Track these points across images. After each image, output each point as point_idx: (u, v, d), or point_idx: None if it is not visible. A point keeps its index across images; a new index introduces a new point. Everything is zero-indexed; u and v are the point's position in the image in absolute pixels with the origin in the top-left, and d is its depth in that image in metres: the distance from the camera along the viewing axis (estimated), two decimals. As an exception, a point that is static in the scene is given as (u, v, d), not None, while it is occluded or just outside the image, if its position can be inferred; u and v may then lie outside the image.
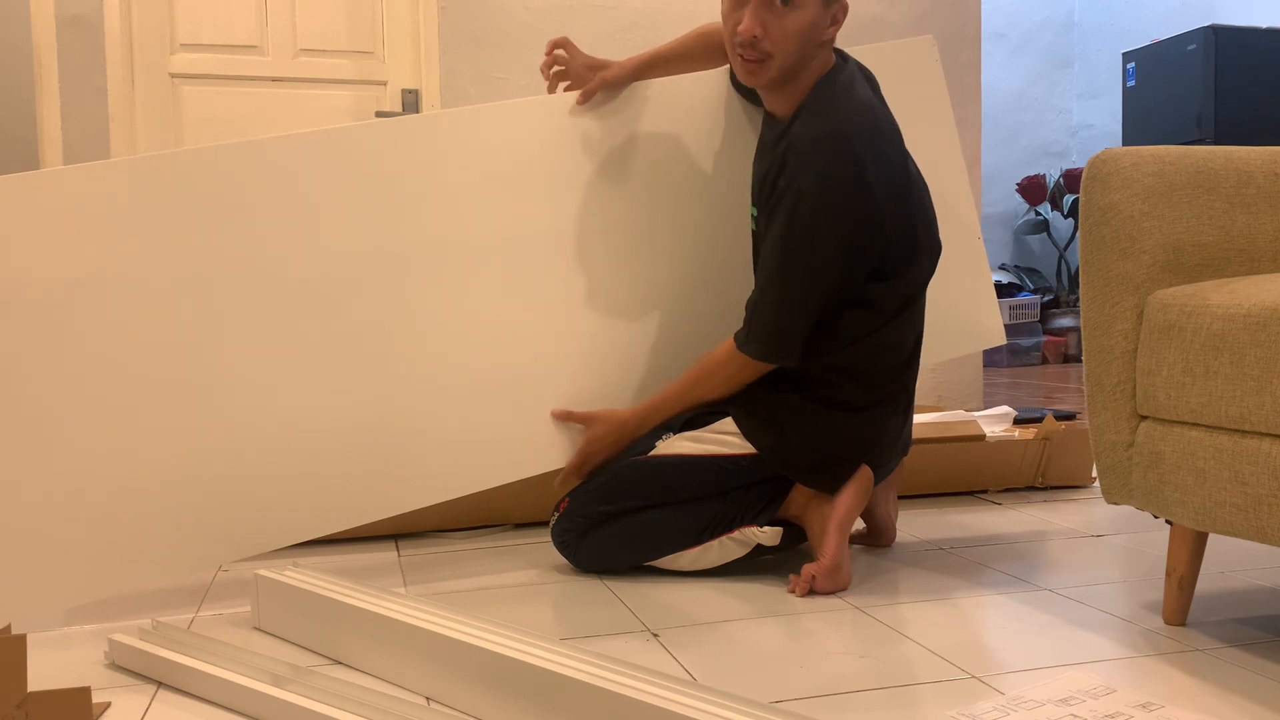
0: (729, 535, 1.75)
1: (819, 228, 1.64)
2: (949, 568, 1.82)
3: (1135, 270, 1.46)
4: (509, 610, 1.63)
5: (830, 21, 1.69)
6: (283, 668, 1.26)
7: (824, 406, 1.74)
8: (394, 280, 1.77)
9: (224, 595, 1.76)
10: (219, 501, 1.66)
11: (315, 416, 1.71)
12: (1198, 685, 1.28)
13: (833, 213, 1.63)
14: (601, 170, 1.91)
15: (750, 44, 1.67)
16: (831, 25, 1.70)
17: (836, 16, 1.70)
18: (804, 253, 1.65)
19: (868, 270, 1.69)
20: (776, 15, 1.65)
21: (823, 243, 1.64)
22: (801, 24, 1.66)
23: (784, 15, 1.65)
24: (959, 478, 2.40)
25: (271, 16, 3.35)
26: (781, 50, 1.67)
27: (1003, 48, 6.56)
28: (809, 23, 1.66)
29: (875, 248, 1.68)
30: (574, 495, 1.82)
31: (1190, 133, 5.13)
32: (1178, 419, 1.39)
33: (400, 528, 2.09)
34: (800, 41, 1.67)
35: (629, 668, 1.12)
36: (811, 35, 1.67)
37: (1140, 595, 1.65)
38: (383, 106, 3.42)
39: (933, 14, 3.70)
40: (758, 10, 1.66)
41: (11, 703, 1.09)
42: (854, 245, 1.65)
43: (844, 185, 1.63)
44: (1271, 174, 1.51)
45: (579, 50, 1.94)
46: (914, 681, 1.31)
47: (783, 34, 1.66)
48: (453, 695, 1.25)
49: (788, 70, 1.69)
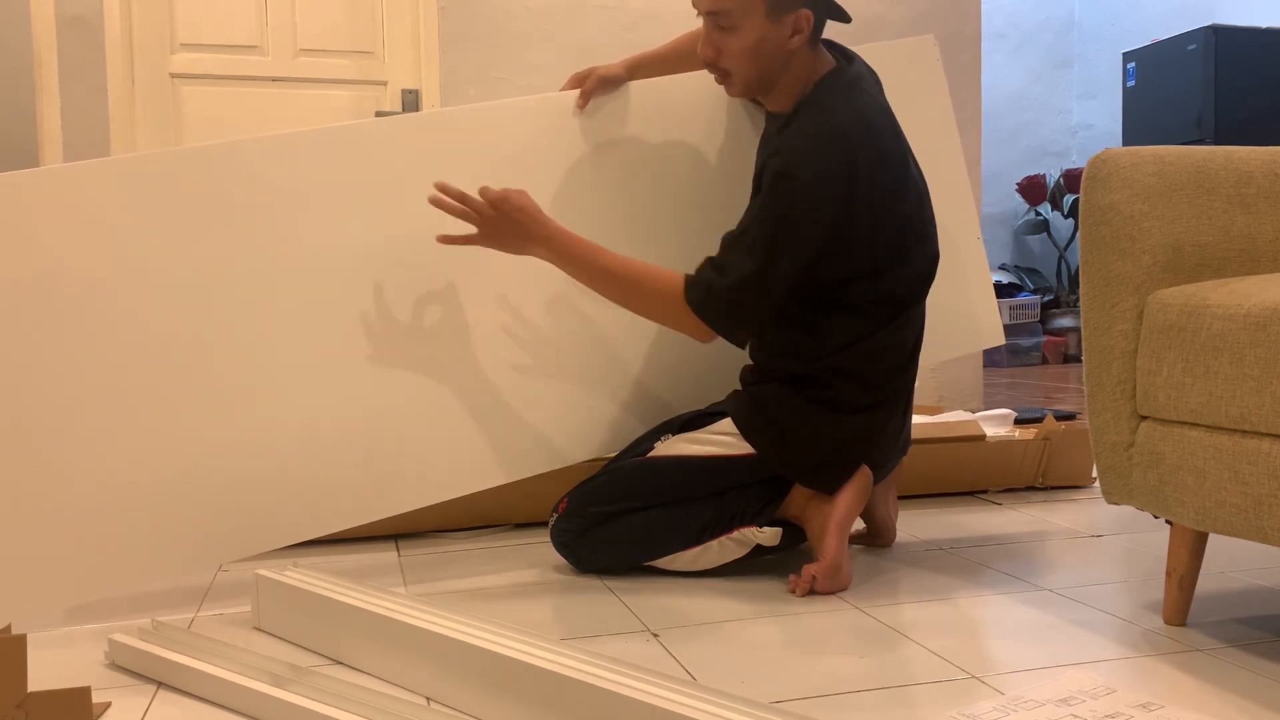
0: (728, 535, 1.75)
1: (796, 211, 1.62)
2: (949, 568, 1.82)
3: (1135, 270, 1.46)
4: (509, 610, 1.63)
5: (791, 32, 1.68)
6: (283, 668, 1.26)
7: (822, 407, 1.74)
8: (393, 279, 1.77)
9: (224, 595, 1.76)
10: (219, 501, 1.66)
11: (315, 416, 1.71)
12: (1198, 685, 1.28)
13: (813, 201, 1.62)
14: (602, 169, 1.91)
15: (710, 64, 1.73)
16: (794, 35, 1.68)
17: (798, 25, 1.67)
18: (781, 237, 1.63)
19: (846, 268, 1.67)
20: (723, 36, 1.69)
21: (796, 226, 1.62)
22: (745, 43, 1.67)
23: (728, 37, 1.68)
24: (959, 478, 2.40)
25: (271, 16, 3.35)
26: (737, 68, 1.71)
27: (1003, 48, 6.56)
28: (755, 40, 1.67)
29: (856, 246, 1.66)
30: (573, 495, 1.82)
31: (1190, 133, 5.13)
32: (1178, 419, 1.39)
33: (400, 528, 2.09)
34: (753, 58, 1.69)
35: (629, 668, 1.12)
36: (764, 50, 1.68)
37: (1140, 595, 1.65)
38: (383, 106, 3.42)
39: (933, 14, 3.70)
40: (708, 33, 1.71)
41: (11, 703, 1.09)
42: (828, 237, 1.63)
43: (832, 178, 1.62)
44: (1271, 174, 1.51)
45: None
46: (914, 681, 1.31)
47: (731, 54, 1.69)
48: (453, 695, 1.25)
49: (753, 83, 1.72)
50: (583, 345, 1.90)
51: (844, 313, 1.71)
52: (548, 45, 3.40)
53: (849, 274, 1.69)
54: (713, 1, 1.67)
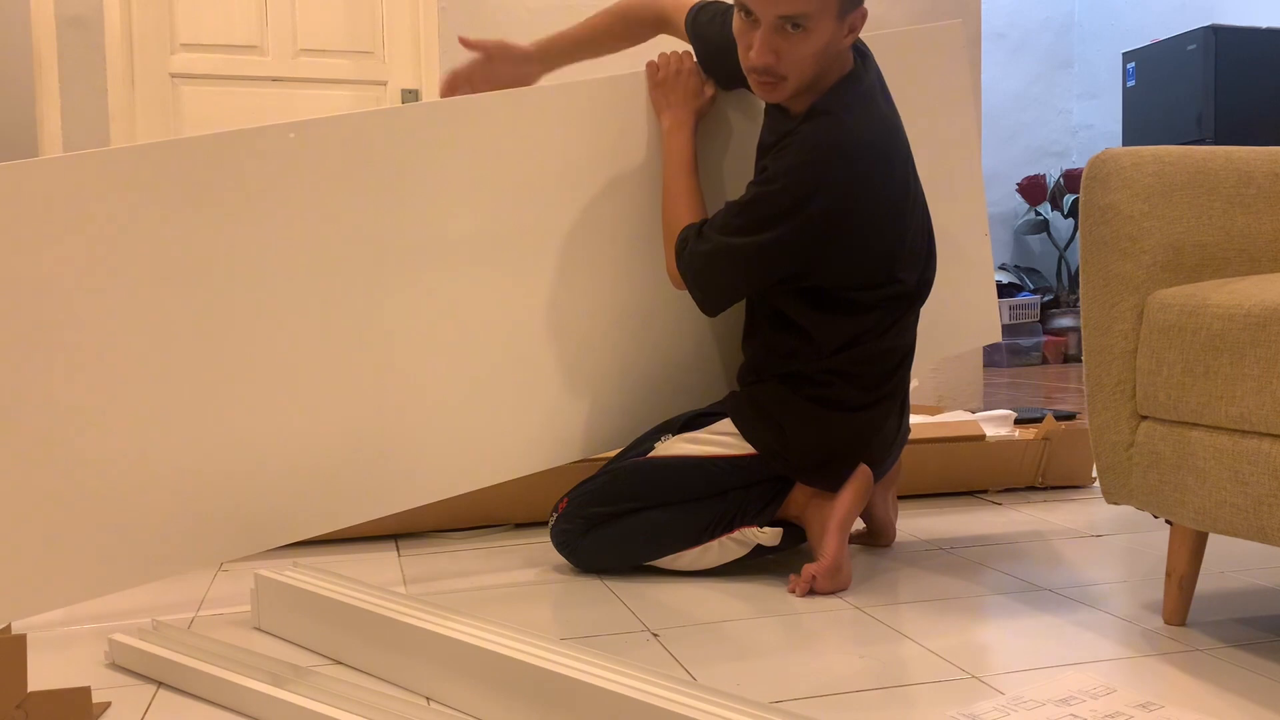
0: (728, 536, 1.75)
1: (785, 216, 1.62)
2: (949, 568, 1.82)
3: (1135, 270, 1.46)
4: (509, 610, 1.63)
5: (848, 31, 1.64)
6: (283, 668, 1.27)
7: (821, 406, 1.74)
8: (393, 277, 1.76)
9: (224, 595, 1.76)
10: (219, 499, 1.65)
11: (314, 414, 1.71)
12: (1198, 685, 1.28)
13: (805, 212, 1.61)
14: (601, 168, 1.90)
15: (766, 69, 1.63)
16: (849, 34, 1.65)
17: (854, 24, 1.64)
18: (761, 223, 1.64)
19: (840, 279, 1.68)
20: (789, 40, 1.60)
21: (788, 220, 1.62)
22: (816, 46, 1.61)
23: (797, 41, 1.60)
24: (959, 478, 2.40)
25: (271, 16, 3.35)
26: (797, 72, 1.63)
27: (1003, 48, 6.56)
28: (824, 43, 1.61)
29: (850, 260, 1.66)
30: (573, 496, 1.82)
31: (1190, 133, 5.13)
32: (1178, 419, 1.39)
33: (400, 528, 2.09)
34: (816, 61, 1.63)
35: (629, 668, 1.12)
36: (827, 52, 1.64)
37: (1140, 595, 1.65)
38: (383, 107, 3.42)
39: (933, 14, 3.70)
40: (769, 37, 1.60)
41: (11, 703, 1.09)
42: (816, 249, 1.64)
43: (832, 194, 1.61)
44: (1271, 174, 1.51)
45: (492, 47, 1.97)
46: (914, 681, 1.31)
47: (797, 58, 1.61)
48: (453, 695, 1.25)
49: (804, 86, 1.66)
50: (583, 344, 1.89)
51: (840, 318, 1.71)
52: (548, 45, 3.39)
53: (843, 284, 1.69)
54: (794, 5, 1.57)
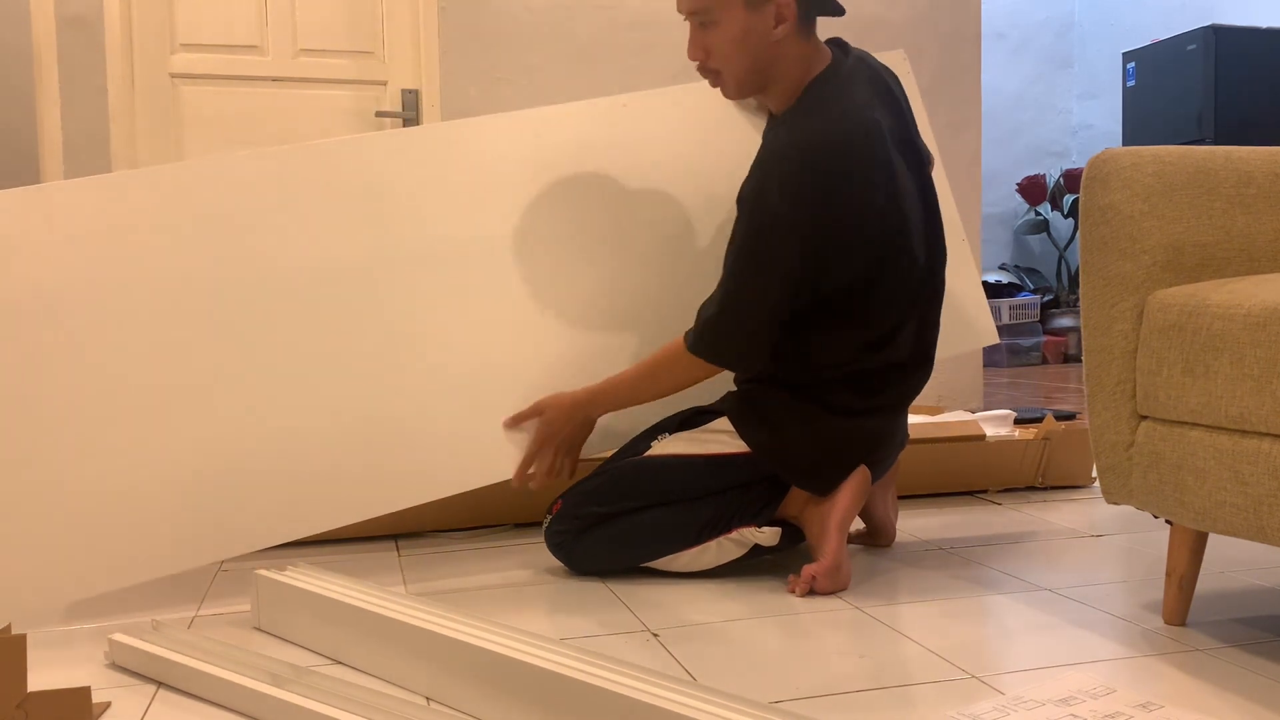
0: (727, 536, 1.75)
1: (774, 236, 1.62)
2: (949, 568, 1.82)
3: (1135, 270, 1.46)
4: (508, 610, 1.63)
5: (775, 21, 1.66)
6: (283, 668, 1.26)
7: (817, 408, 1.73)
8: (388, 283, 1.78)
9: (224, 595, 1.76)
10: (216, 498, 1.66)
11: (312, 415, 1.72)
12: (1198, 685, 1.28)
13: (790, 222, 1.60)
14: (597, 177, 1.91)
15: (701, 67, 1.72)
16: (778, 24, 1.66)
17: (780, 13, 1.66)
18: (758, 260, 1.63)
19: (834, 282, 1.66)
20: (708, 35, 1.69)
21: (776, 251, 1.62)
22: (729, 36, 1.67)
23: (713, 34, 1.68)
24: (959, 478, 2.40)
25: (271, 16, 3.35)
26: (726, 64, 1.70)
27: (1003, 48, 6.57)
28: (738, 32, 1.66)
29: (840, 262, 1.65)
30: (568, 497, 1.81)
31: (1190, 133, 5.13)
32: (1178, 419, 1.39)
33: (400, 528, 2.09)
34: (739, 50, 1.67)
35: (629, 668, 1.12)
36: (750, 42, 1.66)
37: (1140, 595, 1.65)
38: (383, 106, 3.42)
39: (933, 14, 3.70)
40: (694, 34, 1.70)
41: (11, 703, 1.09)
42: (808, 256, 1.63)
43: (804, 200, 1.60)
44: (1271, 174, 1.51)
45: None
46: (913, 681, 1.31)
47: (719, 52, 1.69)
48: (453, 695, 1.25)
49: (744, 80, 1.71)
50: (580, 342, 1.90)
51: (840, 322, 1.70)
52: (548, 46, 3.40)
53: (837, 286, 1.67)
54: (690, 2, 1.67)
